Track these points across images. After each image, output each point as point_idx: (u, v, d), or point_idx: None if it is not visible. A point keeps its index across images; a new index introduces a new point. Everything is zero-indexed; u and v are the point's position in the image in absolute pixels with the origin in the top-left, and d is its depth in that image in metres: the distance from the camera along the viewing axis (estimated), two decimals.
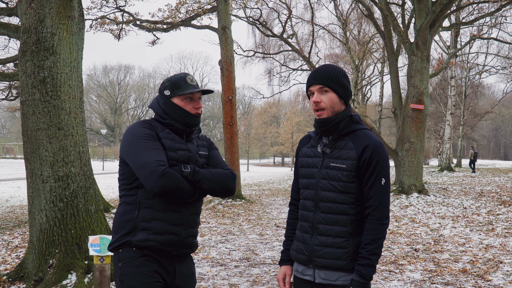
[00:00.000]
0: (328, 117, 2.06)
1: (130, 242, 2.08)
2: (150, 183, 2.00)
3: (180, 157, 2.15)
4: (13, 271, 4.80)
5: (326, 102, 2.05)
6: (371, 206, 2.01)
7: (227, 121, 13.33)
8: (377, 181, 2.00)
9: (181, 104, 2.21)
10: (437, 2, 12.17)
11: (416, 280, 5.08)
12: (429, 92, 13.18)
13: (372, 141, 2.03)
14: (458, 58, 27.34)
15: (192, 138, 2.30)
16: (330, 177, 2.04)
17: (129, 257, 2.09)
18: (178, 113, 2.21)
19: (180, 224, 2.15)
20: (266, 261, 6.08)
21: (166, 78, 2.29)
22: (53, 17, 4.62)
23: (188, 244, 2.20)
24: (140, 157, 2.04)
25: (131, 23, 17.43)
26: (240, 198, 13.16)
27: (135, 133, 2.12)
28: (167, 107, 2.22)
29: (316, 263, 2.05)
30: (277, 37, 20.64)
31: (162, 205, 2.10)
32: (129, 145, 2.10)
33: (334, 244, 2.02)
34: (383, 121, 37.33)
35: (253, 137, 58.59)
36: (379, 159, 2.01)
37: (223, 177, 2.21)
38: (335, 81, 2.05)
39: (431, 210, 10.46)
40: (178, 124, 2.21)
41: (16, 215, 11.80)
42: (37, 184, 4.60)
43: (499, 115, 44.05)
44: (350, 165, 2.01)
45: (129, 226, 2.10)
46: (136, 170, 2.05)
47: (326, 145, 2.09)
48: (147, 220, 2.09)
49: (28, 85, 4.62)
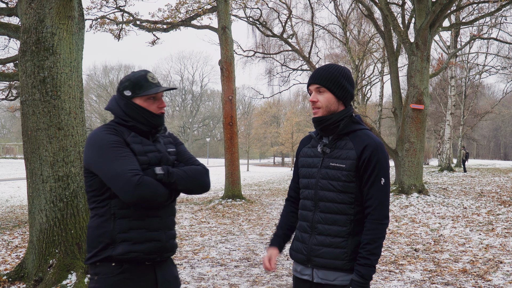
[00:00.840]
0: (322, 116, 2.07)
1: (110, 257, 1.97)
2: (126, 194, 1.90)
3: (152, 160, 2.06)
4: (13, 271, 4.80)
5: (322, 101, 2.07)
6: (371, 206, 2.01)
7: (227, 121, 13.33)
8: (376, 181, 2.00)
9: (144, 104, 2.08)
10: (437, 2, 12.16)
11: (416, 280, 5.08)
12: (429, 92, 13.18)
13: (372, 141, 2.03)
14: (458, 58, 27.34)
15: (157, 137, 2.19)
16: (329, 177, 2.04)
17: (107, 273, 1.98)
18: (142, 115, 2.08)
19: (160, 229, 2.06)
20: None
21: (125, 77, 2.14)
22: (53, 17, 4.62)
23: (170, 247, 2.13)
24: (111, 167, 1.92)
25: (131, 23, 17.43)
26: (240, 198, 13.16)
27: (101, 141, 1.98)
28: (129, 109, 2.08)
29: (315, 262, 2.06)
30: (277, 37, 20.64)
31: (138, 212, 2.00)
32: (97, 155, 1.97)
33: (333, 243, 2.03)
34: (383, 121, 37.34)
35: (253, 137, 58.58)
36: (379, 159, 2.01)
37: (197, 174, 2.13)
38: (332, 81, 2.05)
39: (431, 210, 10.46)
40: (142, 125, 2.09)
41: (16, 215, 11.80)
42: (37, 184, 4.60)
43: (499, 115, 44.04)
44: (349, 164, 2.01)
45: (106, 240, 1.98)
46: (108, 181, 1.93)
47: (326, 145, 2.10)
48: (125, 231, 1.98)
49: (28, 85, 4.62)
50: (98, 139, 1.99)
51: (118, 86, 2.13)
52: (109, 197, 1.99)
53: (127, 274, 1.99)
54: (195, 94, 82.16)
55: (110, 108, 2.13)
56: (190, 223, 9.49)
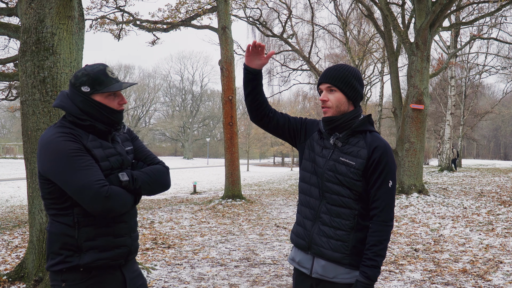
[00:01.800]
0: (333, 116, 2.08)
1: (78, 265, 1.89)
2: (95, 208, 1.81)
3: (114, 165, 1.96)
4: (13, 271, 4.80)
5: (333, 101, 2.07)
6: (378, 208, 2.02)
7: (227, 121, 13.33)
8: (384, 183, 2.02)
9: (104, 101, 1.95)
10: (437, 2, 12.16)
11: (416, 280, 5.08)
12: (429, 92, 13.18)
13: (382, 143, 2.06)
14: (458, 58, 27.34)
15: (115, 136, 2.08)
16: (337, 171, 2.05)
17: (76, 279, 1.91)
18: (102, 112, 1.95)
19: (126, 234, 2.02)
20: (266, 261, 6.08)
21: (81, 72, 1.95)
22: (53, 17, 4.62)
23: (135, 249, 2.10)
24: (74, 179, 1.79)
25: (131, 23, 17.44)
26: (240, 198, 13.16)
27: (60, 150, 1.82)
28: (86, 106, 1.93)
29: (315, 250, 2.08)
30: (277, 37, 20.64)
31: (103, 220, 1.92)
32: (56, 164, 1.81)
33: (335, 236, 2.04)
34: (383, 121, 37.33)
35: (253, 137, 58.57)
36: (388, 162, 2.03)
37: (159, 175, 2.06)
38: (343, 81, 2.06)
39: (431, 210, 10.46)
40: (100, 124, 1.96)
41: (16, 215, 11.80)
42: (37, 184, 4.60)
43: (499, 115, 44.03)
44: (359, 163, 2.02)
45: (71, 247, 1.89)
46: (73, 193, 1.81)
47: (339, 138, 2.10)
48: (91, 239, 1.90)
49: (28, 85, 4.62)
50: (55, 147, 1.82)
51: (73, 81, 1.96)
52: (71, 205, 1.88)
53: (96, 279, 1.94)
54: (195, 94, 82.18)
55: (61, 106, 1.95)
56: (190, 223, 9.49)
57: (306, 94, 38.90)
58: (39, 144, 1.86)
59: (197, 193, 17.79)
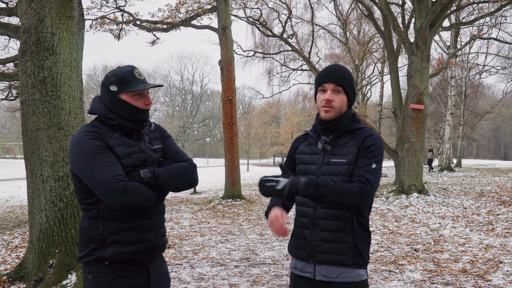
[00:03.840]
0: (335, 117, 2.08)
1: (102, 258, 1.99)
2: (112, 202, 1.89)
3: (136, 162, 2.02)
4: (13, 271, 4.80)
5: (337, 102, 2.07)
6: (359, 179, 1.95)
7: (227, 121, 13.33)
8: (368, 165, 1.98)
9: (130, 100, 2.05)
10: (437, 2, 12.16)
11: (416, 280, 5.08)
12: (429, 92, 13.17)
13: (372, 133, 2.06)
14: (458, 58, 27.34)
15: (142, 134, 2.15)
16: (330, 173, 2.03)
17: (101, 272, 2.00)
18: (127, 110, 2.05)
19: (150, 230, 2.06)
20: (266, 261, 6.08)
21: (111, 72, 2.09)
22: (53, 17, 4.62)
23: (160, 245, 2.13)
24: (95, 174, 1.90)
25: (131, 23, 17.43)
26: (240, 198, 13.16)
27: (84, 147, 1.94)
28: (114, 105, 2.05)
29: (317, 258, 2.04)
30: (277, 37, 20.64)
31: (127, 215, 1.99)
32: (80, 161, 1.94)
33: (336, 239, 2.01)
34: (383, 121, 37.32)
35: (253, 137, 58.56)
36: (375, 148, 2.01)
37: (184, 172, 2.09)
38: (348, 83, 2.08)
39: (431, 210, 10.46)
40: (127, 122, 2.05)
41: (16, 215, 11.80)
42: (37, 184, 4.60)
43: (499, 115, 44.04)
44: (350, 158, 2.02)
45: (96, 241, 1.99)
46: (94, 188, 1.91)
47: (327, 142, 2.10)
48: (115, 233, 1.98)
49: (28, 85, 4.62)
50: (79, 145, 1.95)
51: (103, 81, 2.08)
52: (98, 200, 1.97)
53: (121, 273, 2.00)
54: (195, 94, 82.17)
55: (93, 110, 2.08)
56: (190, 223, 9.49)
57: (306, 94, 38.87)
58: (70, 143, 2.02)
59: (197, 193, 17.79)
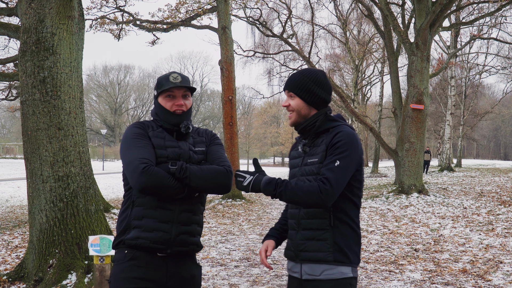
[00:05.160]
0: (296, 121, 2.17)
1: (123, 241, 2.09)
2: (132, 181, 2.01)
3: (170, 155, 2.11)
4: (13, 271, 4.80)
5: (293, 106, 2.16)
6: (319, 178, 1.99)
7: (227, 121, 13.33)
8: (331, 162, 1.99)
9: (163, 102, 2.19)
10: (437, 2, 12.16)
11: (416, 280, 5.08)
12: (429, 92, 13.18)
13: (340, 130, 2.06)
14: (458, 58, 27.34)
15: (187, 135, 2.23)
16: (306, 173, 2.11)
17: (120, 259, 2.09)
18: (162, 112, 2.19)
19: (170, 222, 2.09)
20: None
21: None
22: (53, 17, 4.62)
23: (182, 242, 2.12)
24: (127, 155, 2.06)
25: (131, 23, 17.44)
26: (240, 198, 13.16)
27: (127, 134, 2.15)
28: (155, 107, 2.24)
29: (301, 257, 2.11)
30: (277, 37, 20.65)
31: (152, 202, 2.08)
32: (122, 146, 2.14)
33: (315, 236, 2.07)
34: (383, 121, 37.30)
35: (253, 137, 58.59)
36: (341, 145, 2.01)
37: (214, 173, 2.11)
38: (301, 87, 2.13)
39: (431, 210, 10.46)
40: (165, 123, 2.19)
41: (16, 215, 11.80)
42: (37, 184, 4.60)
43: (499, 115, 44.01)
44: (321, 157, 2.06)
45: (124, 224, 2.12)
46: (124, 169, 2.08)
47: (305, 144, 2.19)
48: (139, 218, 2.08)
49: (28, 85, 4.62)
50: (126, 133, 2.16)
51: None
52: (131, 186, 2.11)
53: (137, 261, 2.06)
54: (195, 94, 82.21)
55: (151, 114, 2.29)
56: None
57: None
58: None
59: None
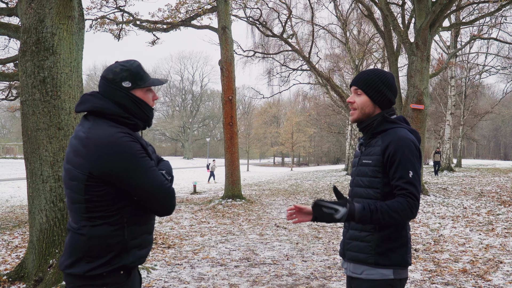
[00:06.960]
0: (358, 118, 2.19)
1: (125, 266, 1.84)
2: (165, 206, 1.83)
3: (155, 161, 1.94)
4: (13, 271, 4.80)
5: (358, 103, 2.17)
6: (402, 192, 2.01)
7: (227, 121, 13.33)
8: (405, 174, 2.01)
9: (144, 97, 1.92)
10: (437, 2, 12.16)
11: (416, 280, 5.08)
12: (429, 92, 13.17)
13: (396, 136, 2.06)
14: (458, 58, 27.34)
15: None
16: (360, 173, 2.15)
17: (117, 282, 1.84)
18: (142, 109, 1.91)
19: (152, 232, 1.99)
20: (266, 261, 6.08)
21: (118, 67, 1.89)
22: (53, 17, 4.62)
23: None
24: (149, 179, 1.77)
25: (131, 23, 17.44)
26: (240, 198, 13.16)
27: (128, 150, 1.77)
28: (129, 103, 1.88)
29: (347, 256, 2.19)
30: (277, 37, 20.64)
31: (144, 218, 1.90)
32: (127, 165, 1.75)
33: (360, 237, 2.12)
34: None
35: (253, 137, 58.57)
36: (403, 154, 2.02)
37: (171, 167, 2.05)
38: (369, 85, 2.15)
39: (431, 210, 10.45)
40: (140, 121, 1.93)
41: (16, 215, 11.80)
42: (37, 184, 4.60)
43: (499, 115, 43.94)
44: (375, 160, 2.09)
45: (118, 248, 1.82)
46: (147, 194, 1.79)
47: (362, 143, 2.23)
48: (135, 237, 1.87)
49: (28, 85, 4.62)
50: (122, 147, 1.76)
51: (111, 76, 1.88)
52: (124, 206, 1.82)
53: (133, 279, 1.94)
54: (195, 94, 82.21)
55: (100, 108, 1.85)
56: (190, 223, 9.49)
57: (306, 94, 38.87)
58: (97, 145, 1.75)
59: (197, 193, 17.78)
